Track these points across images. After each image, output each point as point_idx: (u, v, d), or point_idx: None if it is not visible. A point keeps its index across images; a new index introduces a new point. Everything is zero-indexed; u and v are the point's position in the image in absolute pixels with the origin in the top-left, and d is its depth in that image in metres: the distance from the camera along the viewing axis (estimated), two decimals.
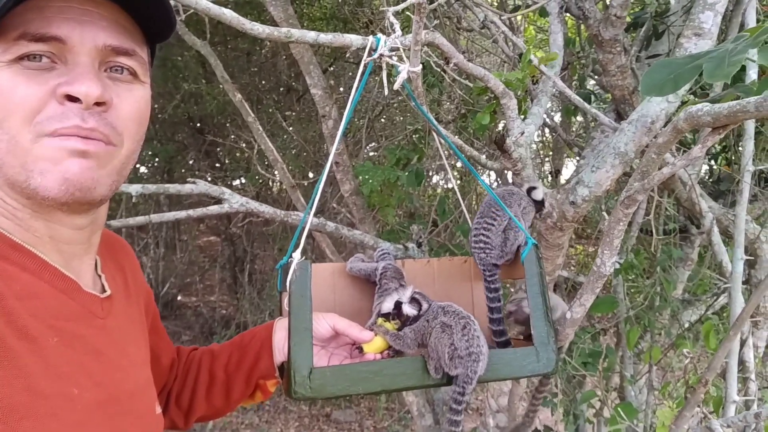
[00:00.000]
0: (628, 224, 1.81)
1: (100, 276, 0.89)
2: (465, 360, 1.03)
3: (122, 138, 0.77)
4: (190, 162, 6.78)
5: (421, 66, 1.15)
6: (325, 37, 1.22)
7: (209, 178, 6.43)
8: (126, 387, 0.81)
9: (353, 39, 1.20)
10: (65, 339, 0.73)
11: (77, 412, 0.70)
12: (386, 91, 0.97)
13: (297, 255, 1.02)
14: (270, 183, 6.10)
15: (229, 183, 6.49)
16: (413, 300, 1.14)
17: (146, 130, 0.86)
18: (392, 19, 0.97)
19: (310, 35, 1.21)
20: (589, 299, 1.21)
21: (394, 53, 0.99)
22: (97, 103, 0.73)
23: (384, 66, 1.02)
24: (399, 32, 0.96)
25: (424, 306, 1.13)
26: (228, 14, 1.11)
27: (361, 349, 1.12)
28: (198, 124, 6.38)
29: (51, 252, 0.78)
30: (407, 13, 1.14)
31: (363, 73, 1.12)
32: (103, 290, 0.86)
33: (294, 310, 1.00)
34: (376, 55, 1.00)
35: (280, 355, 1.12)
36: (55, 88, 0.71)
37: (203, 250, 8.40)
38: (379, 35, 1.14)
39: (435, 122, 1.31)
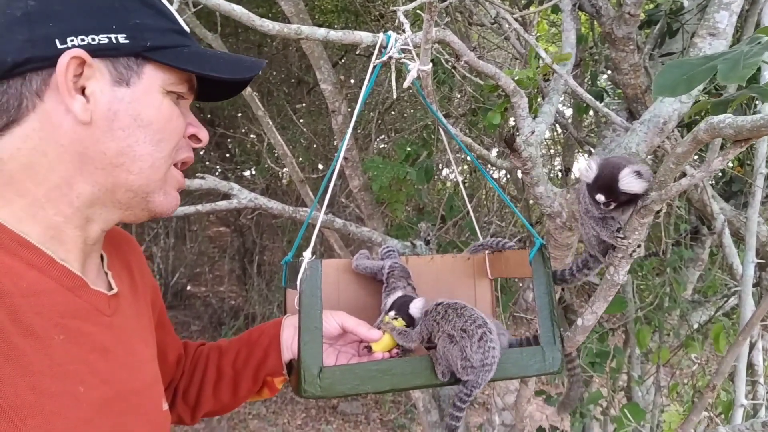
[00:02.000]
0: None
1: (106, 273, 0.89)
2: (478, 370, 1.03)
3: None
4: (201, 153, 6.80)
5: (431, 64, 1.14)
6: (335, 34, 1.21)
7: (219, 170, 6.46)
8: (132, 385, 0.82)
9: (363, 36, 1.20)
10: (71, 337, 0.73)
11: (83, 410, 0.71)
12: (395, 94, 0.97)
13: (308, 254, 1.02)
14: (279, 175, 6.11)
15: (239, 174, 6.50)
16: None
17: None
18: (402, 18, 0.96)
19: (320, 32, 1.20)
20: (602, 307, 1.20)
21: (404, 55, 0.98)
22: None
23: (392, 68, 1.01)
24: (409, 32, 0.95)
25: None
26: (238, 10, 1.11)
27: (369, 348, 1.12)
28: (208, 116, 6.40)
29: (76, 252, 0.79)
30: (418, 11, 1.13)
31: (372, 73, 1.12)
32: (110, 287, 0.87)
33: (304, 309, 1.00)
34: (385, 57, 0.99)
35: (288, 352, 1.13)
36: (187, 126, 0.86)
37: (213, 241, 8.45)
38: (390, 32, 1.13)
39: (444, 120, 1.30)
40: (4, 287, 0.68)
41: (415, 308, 1.13)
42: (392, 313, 1.14)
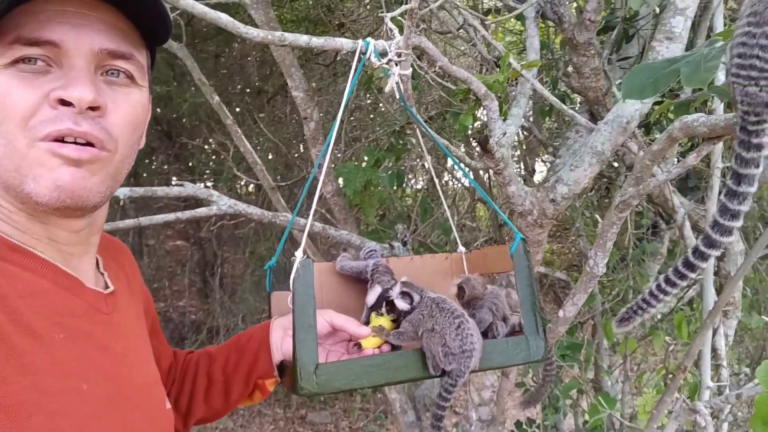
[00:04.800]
0: None
1: (102, 273, 0.89)
2: (458, 357, 1.06)
3: (117, 143, 0.77)
4: (157, 166, 6.70)
5: (411, 69, 1.18)
6: (317, 41, 1.24)
7: (174, 180, 6.37)
8: (135, 382, 0.82)
9: (344, 43, 1.23)
10: (71, 335, 0.73)
11: (87, 407, 0.71)
12: (397, 95, 1.00)
13: (299, 254, 1.04)
14: (237, 188, 6.06)
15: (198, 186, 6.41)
16: (404, 294, 1.17)
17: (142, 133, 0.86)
18: (390, 24, 1.00)
19: (303, 39, 1.23)
20: (582, 298, 1.26)
21: (398, 59, 1.01)
22: (91, 108, 0.73)
23: (396, 69, 1.04)
24: (399, 37, 0.98)
25: (416, 298, 1.15)
26: (224, 18, 1.13)
27: (359, 345, 1.14)
28: (165, 127, 6.30)
29: (50, 252, 0.78)
30: (399, 18, 1.17)
31: (352, 79, 1.15)
32: (106, 287, 0.87)
33: (298, 308, 1.01)
34: (384, 60, 1.03)
35: (278, 353, 1.13)
36: (49, 93, 0.71)
37: (170, 255, 8.28)
38: (369, 39, 1.17)
39: (424, 124, 1.35)
40: (1, 289, 0.68)
41: (399, 301, 1.16)
42: (382, 310, 1.17)
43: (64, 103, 0.71)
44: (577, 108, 2.18)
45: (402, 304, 1.15)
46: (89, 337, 0.76)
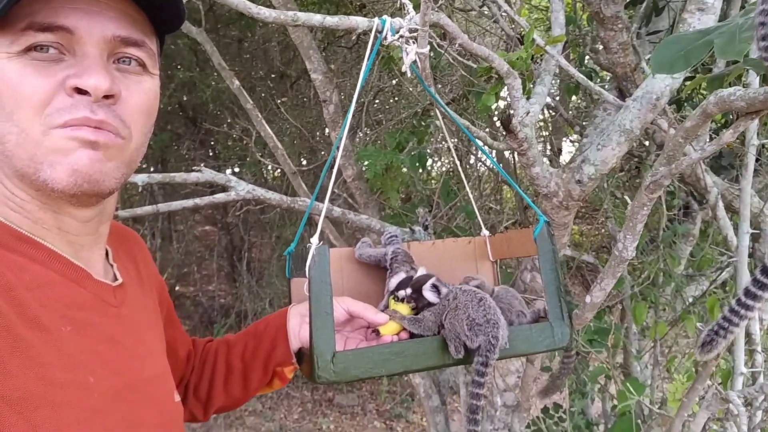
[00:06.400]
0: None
1: (112, 265, 0.89)
2: (484, 327, 1.03)
3: (131, 131, 0.77)
4: (184, 151, 6.76)
5: (428, 47, 1.14)
6: (332, 20, 1.21)
7: (202, 166, 6.42)
8: (143, 375, 0.81)
9: (359, 21, 1.20)
10: (78, 328, 0.73)
11: (94, 400, 0.70)
12: (408, 73, 0.96)
13: (315, 240, 1.02)
14: (263, 172, 6.08)
15: (223, 172, 6.47)
16: (434, 287, 1.14)
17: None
18: (405, 0, 0.96)
19: (317, 18, 1.20)
20: (610, 283, 1.21)
21: (409, 36, 0.97)
22: (106, 96, 0.73)
23: (411, 46, 1.00)
24: (413, 13, 0.94)
25: (443, 290, 1.13)
26: None
27: (377, 332, 1.12)
28: (190, 113, 6.34)
29: (60, 243, 0.77)
30: None
31: (369, 58, 1.12)
32: (115, 279, 0.86)
33: (314, 295, 1.00)
34: (396, 36, 0.99)
35: (296, 340, 1.13)
36: (64, 81, 0.71)
37: (199, 240, 8.40)
38: (385, 17, 1.14)
39: (442, 102, 1.31)
40: (8, 281, 0.67)
41: (428, 293, 1.13)
42: (401, 293, 1.14)
43: (79, 91, 0.71)
44: (606, 86, 2.10)
45: (431, 296, 1.12)
46: (97, 329, 0.76)
